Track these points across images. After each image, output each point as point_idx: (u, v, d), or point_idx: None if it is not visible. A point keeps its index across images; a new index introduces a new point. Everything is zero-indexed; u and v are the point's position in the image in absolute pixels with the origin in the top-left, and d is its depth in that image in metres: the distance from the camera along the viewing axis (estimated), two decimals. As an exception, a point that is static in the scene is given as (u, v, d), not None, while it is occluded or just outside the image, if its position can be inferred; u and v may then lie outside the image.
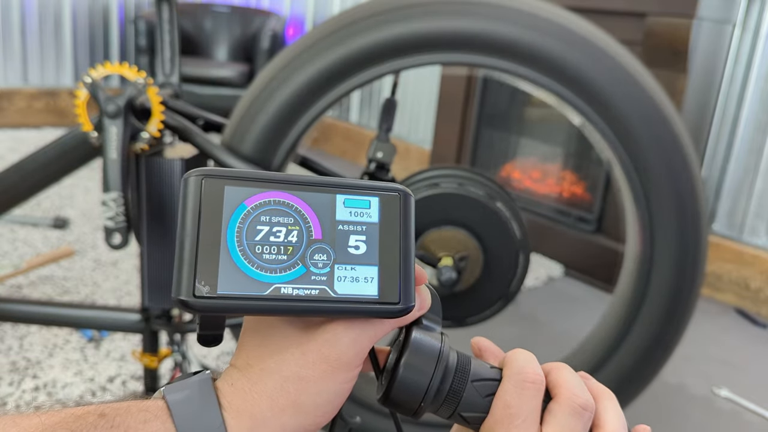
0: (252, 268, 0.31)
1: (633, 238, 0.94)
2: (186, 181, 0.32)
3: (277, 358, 0.34)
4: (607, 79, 0.86)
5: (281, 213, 0.33)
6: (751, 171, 2.00)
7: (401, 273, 0.33)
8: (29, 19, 3.36)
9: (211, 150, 0.92)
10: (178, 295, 0.30)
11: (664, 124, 0.87)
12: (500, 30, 0.86)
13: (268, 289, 0.31)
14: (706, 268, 0.93)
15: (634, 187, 0.89)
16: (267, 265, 0.32)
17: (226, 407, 0.33)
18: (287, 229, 0.32)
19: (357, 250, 0.33)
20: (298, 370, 0.33)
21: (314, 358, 0.33)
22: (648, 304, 0.92)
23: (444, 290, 0.91)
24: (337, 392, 0.34)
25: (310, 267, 0.32)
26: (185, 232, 0.31)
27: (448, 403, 0.36)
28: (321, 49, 0.88)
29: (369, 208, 0.34)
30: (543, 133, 2.33)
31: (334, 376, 0.33)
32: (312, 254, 0.33)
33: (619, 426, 0.37)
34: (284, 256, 0.32)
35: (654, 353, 0.94)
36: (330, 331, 0.33)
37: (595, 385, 0.39)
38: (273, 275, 0.32)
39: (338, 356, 0.33)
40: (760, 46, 1.96)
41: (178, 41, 1.09)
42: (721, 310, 1.96)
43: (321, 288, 0.32)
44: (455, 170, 0.99)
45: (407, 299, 0.33)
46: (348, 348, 0.33)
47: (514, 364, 0.37)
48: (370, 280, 0.33)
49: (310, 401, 0.33)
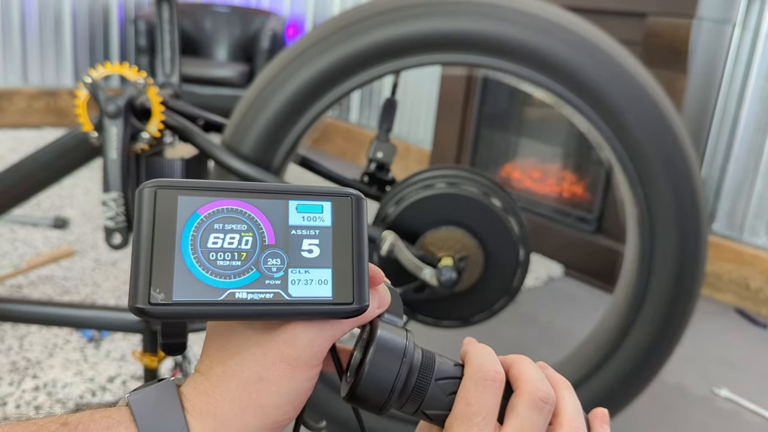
0: (206, 274, 0.32)
1: (633, 238, 0.94)
2: (140, 192, 0.33)
3: (237, 359, 0.34)
4: (607, 79, 0.86)
5: (234, 220, 0.33)
6: (751, 171, 2.00)
7: (354, 274, 0.34)
8: (29, 19, 3.36)
9: (212, 150, 0.92)
10: (134, 303, 0.31)
11: (664, 124, 0.87)
12: (500, 30, 0.86)
13: (222, 294, 0.32)
14: (706, 268, 0.93)
15: (634, 187, 0.89)
16: (221, 271, 0.33)
17: (189, 410, 0.33)
18: (240, 235, 0.33)
19: (310, 254, 0.34)
20: (258, 370, 0.34)
21: (274, 358, 0.34)
22: (648, 304, 0.92)
23: (444, 291, 0.91)
24: (298, 391, 0.35)
25: (264, 272, 0.33)
26: (140, 242, 0.32)
27: (413, 400, 0.37)
28: (321, 49, 0.88)
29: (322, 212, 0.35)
30: (543, 133, 2.33)
31: (294, 375, 0.34)
32: (266, 259, 0.33)
33: (576, 413, 0.38)
34: (238, 262, 0.33)
35: (654, 353, 0.94)
36: (289, 332, 0.34)
37: (553, 374, 0.40)
38: (227, 281, 0.33)
39: (297, 356, 0.34)
40: (760, 46, 1.96)
41: (178, 41, 1.09)
42: (721, 310, 1.96)
43: (275, 292, 0.33)
44: (454, 170, 0.99)
45: (361, 299, 0.34)
46: (306, 347, 0.34)
47: (474, 362, 0.37)
48: (324, 282, 0.34)
49: (271, 401, 0.34)
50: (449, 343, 1.21)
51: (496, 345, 0.41)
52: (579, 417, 0.38)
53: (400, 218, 0.93)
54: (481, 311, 0.97)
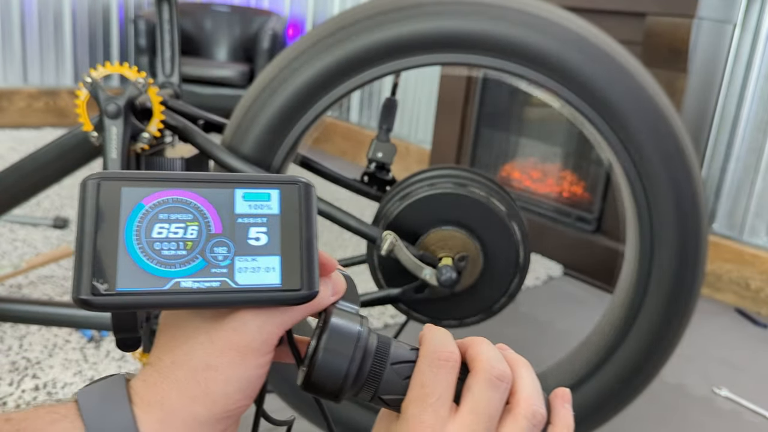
0: (151, 264, 0.32)
1: (633, 237, 0.94)
2: (84, 185, 0.33)
3: (186, 348, 0.34)
4: (607, 79, 0.86)
5: (180, 210, 0.34)
6: (751, 171, 2.00)
7: (303, 261, 0.34)
8: (29, 19, 3.36)
9: (212, 150, 0.92)
10: (78, 294, 0.31)
11: (664, 124, 0.87)
12: (500, 30, 0.86)
13: (167, 283, 0.32)
14: (706, 268, 0.93)
15: (633, 186, 0.89)
16: (166, 261, 0.33)
17: (137, 402, 0.33)
18: (186, 225, 0.34)
19: (258, 242, 0.34)
20: (206, 358, 0.34)
21: (222, 345, 0.34)
22: (648, 304, 0.92)
23: (444, 290, 0.91)
24: (247, 379, 0.34)
25: (210, 260, 0.33)
26: (84, 234, 0.32)
27: (368, 386, 0.37)
28: (321, 49, 0.88)
29: (269, 200, 0.35)
30: (543, 133, 2.33)
31: (243, 363, 0.34)
32: (212, 248, 0.34)
33: (534, 392, 0.37)
34: (184, 252, 0.33)
35: (654, 353, 0.94)
36: (237, 320, 0.34)
37: (512, 354, 0.39)
38: (172, 270, 0.33)
39: (247, 343, 0.34)
40: (760, 46, 1.96)
41: (178, 41, 1.09)
42: (721, 310, 1.96)
43: (222, 280, 0.33)
44: (454, 170, 0.99)
45: (310, 285, 0.34)
46: (255, 335, 0.34)
47: (428, 344, 0.37)
48: (272, 269, 0.34)
49: (220, 389, 0.34)
50: (449, 343, 1.20)
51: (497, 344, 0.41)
52: (537, 395, 0.37)
53: (400, 218, 0.93)
54: (480, 311, 0.97)
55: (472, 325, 0.99)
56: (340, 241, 2.16)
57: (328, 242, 2.14)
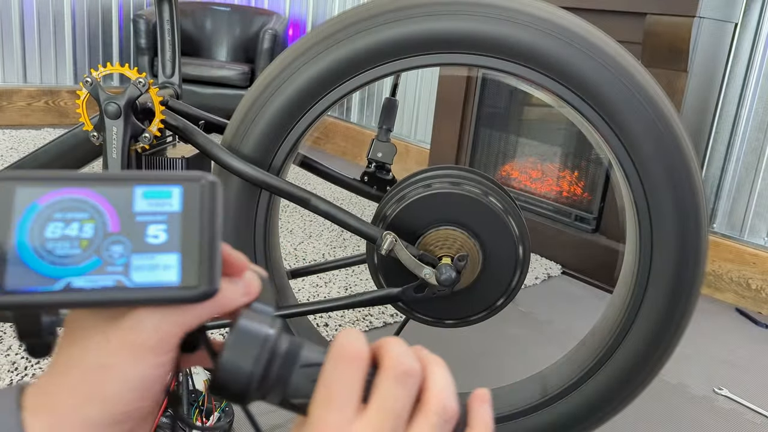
0: (43, 263, 0.32)
1: (632, 237, 0.94)
2: None
3: (79, 347, 0.34)
4: (607, 78, 0.86)
5: (75, 209, 0.33)
6: (751, 171, 2.00)
7: (205, 259, 0.34)
8: (29, 19, 3.36)
9: (212, 150, 0.92)
10: None
11: (663, 124, 0.87)
12: (500, 31, 0.86)
13: (59, 283, 0.32)
14: (706, 267, 0.93)
15: (633, 186, 0.89)
16: (59, 260, 0.32)
17: (27, 407, 0.32)
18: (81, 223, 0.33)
19: (156, 239, 0.34)
20: (100, 357, 0.33)
21: (117, 344, 0.33)
22: (647, 304, 0.92)
23: (444, 290, 0.91)
24: (143, 379, 0.33)
25: (105, 259, 0.33)
26: None
27: (276, 389, 0.36)
28: (322, 49, 0.88)
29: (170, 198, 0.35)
30: (542, 133, 2.33)
31: (138, 362, 0.33)
32: (108, 246, 0.33)
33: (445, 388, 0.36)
34: (78, 250, 0.33)
35: (653, 353, 0.94)
36: (133, 318, 0.34)
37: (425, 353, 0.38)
38: (64, 268, 0.32)
39: (142, 342, 0.33)
40: (761, 46, 1.96)
41: (178, 41, 1.09)
42: (721, 309, 1.97)
43: (117, 278, 0.33)
44: (454, 170, 0.99)
45: (210, 283, 0.34)
46: (152, 333, 0.33)
47: (335, 345, 0.36)
48: (171, 267, 0.34)
49: (114, 389, 0.33)
50: (449, 343, 1.21)
51: (495, 344, 0.41)
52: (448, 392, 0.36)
53: (399, 217, 0.93)
54: (480, 310, 0.97)
55: (472, 323, 0.99)
56: (340, 241, 2.16)
57: (328, 242, 2.14)
